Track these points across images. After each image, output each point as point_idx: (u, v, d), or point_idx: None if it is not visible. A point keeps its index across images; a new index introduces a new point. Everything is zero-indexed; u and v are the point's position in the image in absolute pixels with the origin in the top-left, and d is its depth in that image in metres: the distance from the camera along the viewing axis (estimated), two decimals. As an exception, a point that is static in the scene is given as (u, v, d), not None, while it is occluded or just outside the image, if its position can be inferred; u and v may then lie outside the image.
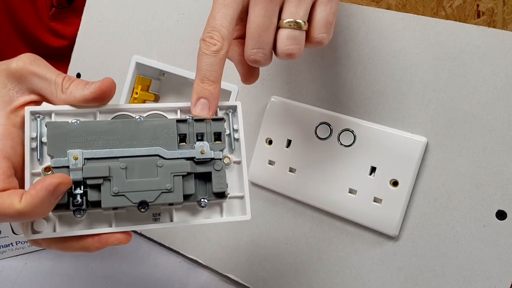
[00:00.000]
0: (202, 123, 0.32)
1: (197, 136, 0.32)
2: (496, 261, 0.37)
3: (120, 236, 0.31)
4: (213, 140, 0.33)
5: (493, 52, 0.37)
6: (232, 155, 0.34)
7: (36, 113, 0.31)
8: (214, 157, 0.32)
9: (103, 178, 0.30)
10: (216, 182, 0.32)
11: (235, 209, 0.34)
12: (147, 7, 0.53)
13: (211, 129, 0.32)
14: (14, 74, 0.32)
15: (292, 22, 0.33)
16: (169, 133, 0.31)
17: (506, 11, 0.40)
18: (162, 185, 0.30)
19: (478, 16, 0.41)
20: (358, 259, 0.43)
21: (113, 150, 0.30)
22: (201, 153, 0.31)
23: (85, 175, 0.29)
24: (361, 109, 0.42)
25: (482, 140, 0.38)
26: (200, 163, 0.32)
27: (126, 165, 0.30)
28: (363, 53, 0.42)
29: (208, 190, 0.32)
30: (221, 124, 0.33)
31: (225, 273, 0.49)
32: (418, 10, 0.43)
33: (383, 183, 0.41)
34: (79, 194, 0.30)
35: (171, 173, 0.30)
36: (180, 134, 0.32)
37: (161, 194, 0.30)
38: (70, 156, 0.30)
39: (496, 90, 0.37)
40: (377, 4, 0.43)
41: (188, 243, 0.51)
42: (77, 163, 0.30)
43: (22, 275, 0.50)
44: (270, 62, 0.34)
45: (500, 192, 0.37)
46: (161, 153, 0.31)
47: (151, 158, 0.31)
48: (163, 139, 0.31)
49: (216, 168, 0.32)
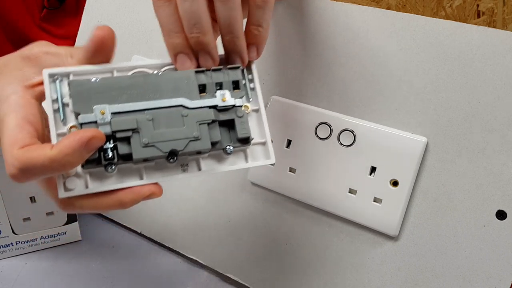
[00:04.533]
0: (220, 72, 0.33)
1: (216, 85, 0.33)
2: (496, 261, 0.37)
3: (152, 187, 0.31)
4: (232, 89, 0.33)
5: (493, 52, 0.37)
6: (249, 104, 0.34)
7: (54, 75, 0.31)
8: (236, 104, 0.32)
9: (132, 130, 0.30)
10: (240, 128, 0.32)
11: (259, 155, 0.34)
12: (147, 7, 0.53)
13: (229, 78, 0.33)
14: (29, 57, 0.33)
15: None
16: (189, 84, 0.32)
17: (506, 11, 0.40)
18: (190, 134, 0.31)
19: (478, 16, 0.41)
20: (358, 259, 0.43)
21: (138, 103, 0.31)
22: (223, 100, 0.32)
23: (114, 128, 0.30)
24: (361, 109, 0.42)
25: (482, 140, 0.38)
26: (222, 110, 0.32)
27: (153, 116, 0.31)
28: (363, 53, 0.42)
29: (232, 137, 0.33)
30: (238, 72, 0.33)
31: (225, 273, 0.49)
32: (418, 10, 0.43)
33: (383, 183, 0.41)
34: (110, 148, 0.30)
35: (196, 121, 0.31)
36: (200, 85, 0.32)
37: (190, 142, 0.31)
38: (96, 111, 0.30)
39: (496, 90, 0.37)
40: (377, 4, 0.43)
41: (188, 243, 0.51)
42: (104, 118, 0.30)
43: (22, 275, 0.50)
44: None
45: (500, 192, 0.37)
46: (184, 103, 0.32)
47: (176, 109, 0.31)
48: (184, 90, 0.32)
49: (239, 115, 0.32)
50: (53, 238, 0.53)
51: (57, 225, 0.52)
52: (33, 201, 0.50)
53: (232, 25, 0.32)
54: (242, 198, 0.48)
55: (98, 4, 0.57)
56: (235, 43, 0.32)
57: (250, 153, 0.34)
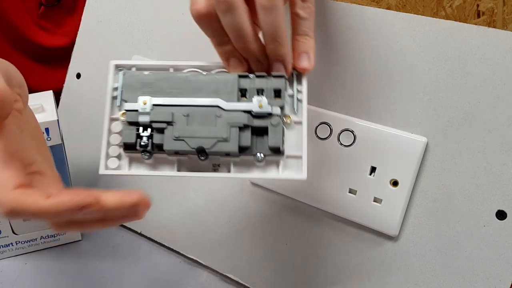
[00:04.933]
0: (263, 79, 0.33)
1: (258, 91, 0.33)
2: (496, 261, 0.37)
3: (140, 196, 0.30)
4: (273, 97, 0.33)
5: (493, 52, 0.37)
6: (294, 115, 0.34)
7: (119, 66, 0.35)
8: (272, 112, 0.33)
9: (167, 122, 0.32)
10: (272, 137, 0.32)
11: (292, 168, 0.34)
12: (147, 7, 0.53)
13: (271, 85, 0.33)
14: None
15: None
16: (230, 87, 0.33)
17: (506, 11, 0.40)
18: (219, 134, 0.32)
19: (478, 16, 0.41)
20: (358, 259, 0.43)
21: (178, 99, 0.33)
22: (259, 106, 0.32)
23: (152, 118, 0.33)
24: (361, 109, 0.42)
25: (482, 140, 0.38)
26: (257, 117, 0.33)
27: (188, 112, 0.33)
28: (363, 53, 0.42)
29: (265, 145, 0.33)
30: (281, 81, 0.33)
31: (225, 273, 0.49)
32: (418, 10, 0.43)
33: (383, 183, 0.41)
34: (146, 136, 0.33)
35: (228, 123, 0.32)
36: (241, 89, 0.33)
37: (217, 142, 0.32)
38: (140, 101, 0.33)
39: (496, 90, 0.37)
40: (377, 4, 0.43)
41: (188, 243, 0.51)
42: (145, 108, 0.33)
43: (22, 275, 0.50)
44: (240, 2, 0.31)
45: (500, 192, 0.37)
46: (221, 104, 0.33)
47: (212, 109, 0.33)
48: (224, 92, 0.33)
49: (273, 123, 0.32)
50: (53, 238, 0.53)
51: (57, 225, 0.52)
52: (33, 201, 0.50)
53: (276, 33, 0.32)
54: (242, 198, 0.48)
55: (98, 4, 0.57)
56: (279, 51, 0.33)
57: (282, 165, 0.34)
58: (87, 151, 0.57)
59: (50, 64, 0.69)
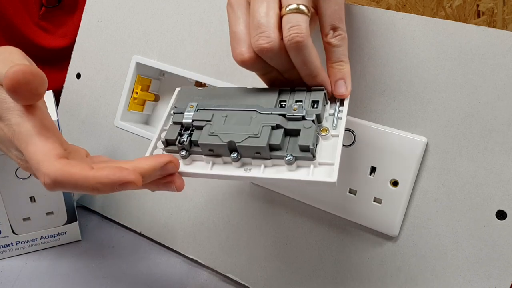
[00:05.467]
0: (303, 92, 0.35)
1: (296, 102, 0.35)
2: (496, 261, 0.37)
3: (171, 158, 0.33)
4: (311, 107, 0.35)
5: (493, 52, 0.37)
6: (332, 130, 0.35)
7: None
8: (306, 116, 0.34)
9: (206, 121, 0.35)
10: (303, 136, 0.33)
11: (322, 172, 0.33)
12: (147, 7, 0.53)
13: (310, 97, 0.35)
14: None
15: (293, 7, 0.32)
16: (270, 96, 0.35)
17: (506, 11, 0.40)
18: (250, 131, 0.33)
19: (478, 16, 0.41)
20: (358, 259, 0.43)
21: (220, 105, 0.36)
22: (293, 110, 0.34)
23: (194, 117, 0.36)
24: (361, 109, 0.42)
25: (482, 140, 0.38)
26: (291, 119, 0.34)
27: (227, 114, 0.35)
28: (363, 53, 0.42)
29: (296, 147, 0.33)
30: (320, 94, 0.35)
31: (225, 273, 0.49)
32: (418, 10, 0.43)
33: (383, 183, 0.41)
34: (186, 134, 0.36)
35: (261, 123, 0.34)
36: (281, 101, 0.35)
37: (248, 137, 0.33)
38: (188, 105, 0.37)
39: (496, 90, 0.37)
40: (377, 4, 0.43)
41: (188, 243, 0.51)
42: (191, 110, 0.36)
43: (22, 275, 0.50)
44: (278, 49, 0.32)
45: (500, 192, 0.37)
46: (258, 108, 0.35)
47: (248, 112, 0.35)
48: (264, 101, 0.35)
49: (306, 126, 0.33)
50: (53, 238, 0.53)
51: (57, 225, 0.52)
52: (33, 201, 0.50)
53: (308, 68, 0.33)
54: (242, 198, 0.48)
55: (98, 4, 0.57)
56: (316, 80, 0.34)
57: (313, 169, 0.33)
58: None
59: (50, 64, 0.69)
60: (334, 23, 0.35)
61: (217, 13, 0.49)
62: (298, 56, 0.33)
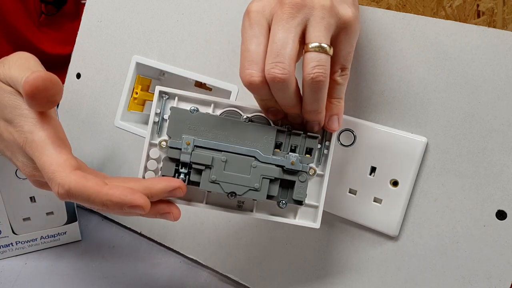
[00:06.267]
0: (298, 137, 0.36)
1: (291, 146, 0.36)
2: (496, 261, 0.37)
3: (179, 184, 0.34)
4: (304, 154, 0.36)
5: (493, 52, 0.37)
6: (317, 168, 0.37)
7: (163, 93, 0.36)
8: (302, 170, 0.36)
9: (206, 165, 0.35)
10: (297, 191, 0.36)
11: (308, 216, 0.38)
12: (147, 7, 0.53)
13: (305, 144, 0.36)
14: None
15: (318, 46, 0.32)
16: (268, 139, 0.36)
17: (506, 11, 0.40)
18: (251, 184, 0.35)
19: (478, 16, 0.41)
20: (358, 259, 0.43)
21: (219, 144, 0.35)
22: (291, 164, 0.35)
23: (192, 160, 0.35)
24: (361, 109, 0.42)
25: (482, 140, 0.38)
26: (288, 172, 0.36)
27: (227, 158, 0.35)
28: (363, 53, 0.42)
29: (289, 195, 0.36)
30: (314, 141, 0.36)
31: (225, 273, 0.49)
32: (418, 10, 0.43)
33: (383, 183, 0.41)
34: (184, 173, 0.35)
35: (261, 175, 0.35)
36: (277, 142, 0.36)
37: (249, 190, 0.35)
38: (183, 140, 0.35)
39: (496, 90, 0.37)
40: (377, 4, 0.43)
41: (188, 243, 0.51)
42: (188, 148, 0.35)
43: (22, 275, 0.50)
44: (291, 79, 0.32)
45: (500, 192, 0.37)
46: (257, 155, 0.35)
47: (248, 158, 0.35)
48: (261, 143, 0.36)
49: (301, 180, 0.36)
50: (53, 238, 0.53)
51: (57, 225, 0.52)
52: (33, 201, 0.50)
53: (318, 105, 0.34)
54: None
55: (98, 4, 0.57)
56: (318, 118, 0.35)
57: (300, 212, 0.38)
58: (87, 151, 0.57)
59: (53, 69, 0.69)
60: (345, 64, 0.35)
61: (217, 13, 0.49)
62: (314, 93, 0.33)
